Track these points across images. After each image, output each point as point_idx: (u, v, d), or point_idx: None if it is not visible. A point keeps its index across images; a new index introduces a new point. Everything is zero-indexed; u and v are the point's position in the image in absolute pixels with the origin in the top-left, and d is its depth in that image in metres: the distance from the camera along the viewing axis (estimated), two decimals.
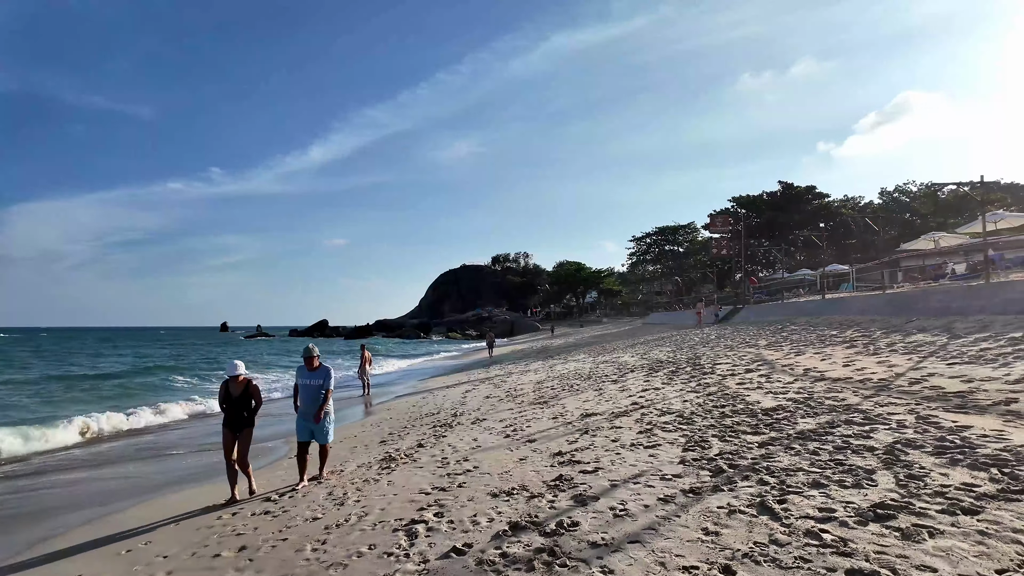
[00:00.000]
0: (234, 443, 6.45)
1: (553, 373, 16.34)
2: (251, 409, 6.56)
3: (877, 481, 4.20)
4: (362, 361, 17.77)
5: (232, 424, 6.48)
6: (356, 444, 9.42)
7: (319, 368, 6.90)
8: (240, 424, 6.47)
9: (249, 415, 6.54)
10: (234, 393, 6.52)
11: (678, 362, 13.89)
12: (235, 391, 6.52)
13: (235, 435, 6.46)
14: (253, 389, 6.59)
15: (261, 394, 6.75)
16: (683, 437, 6.38)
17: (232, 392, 6.52)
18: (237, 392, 6.51)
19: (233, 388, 6.53)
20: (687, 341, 20.04)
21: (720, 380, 10.12)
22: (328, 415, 6.89)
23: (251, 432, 6.58)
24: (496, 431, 8.45)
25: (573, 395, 11.11)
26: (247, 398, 6.52)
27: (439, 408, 12.37)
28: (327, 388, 6.84)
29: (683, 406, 8.24)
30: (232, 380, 6.54)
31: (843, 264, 43.09)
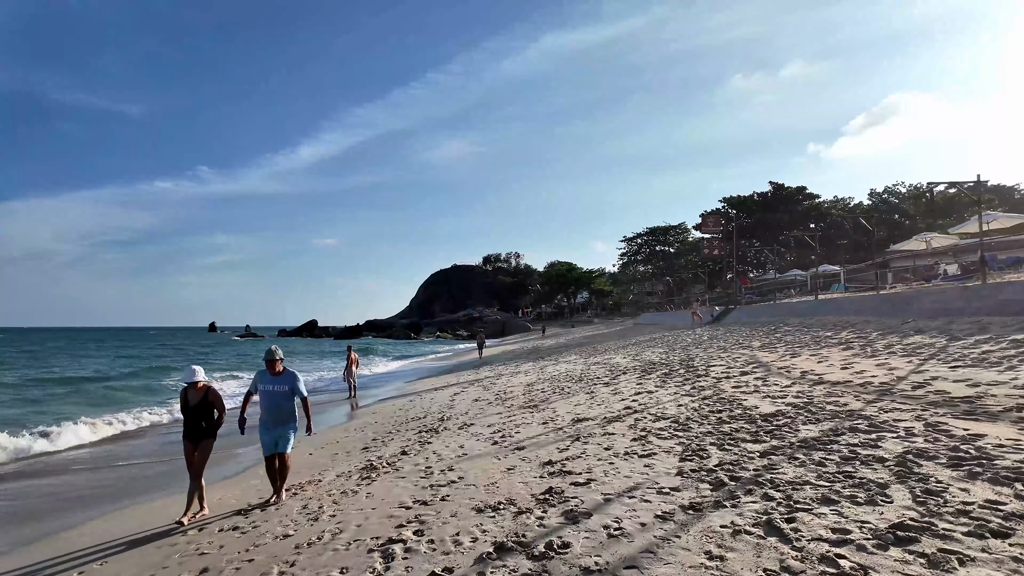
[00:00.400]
0: (193, 456, 5.99)
1: (544, 375, 16.00)
2: (211, 419, 6.08)
3: (892, 497, 3.88)
4: (348, 363, 17.35)
5: (191, 435, 6.03)
6: (338, 451, 9.03)
7: (284, 373, 6.36)
8: (199, 435, 6.01)
9: (208, 426, 6.06)
10: (192, 401, 6.06)
11: (671, 364, 13.59)
12: (193, 399, 6.06)
13: (195, 445, 5.98)
14: (213, 397, 6.14)
15: (224, 402, 6.27)
16: (679, 445, 6.05)
17: (190, 400, 6.07)
18: (195, 400, 6.05)
19: (191, 396, 6.08)
20: (679, 342, 19.78)
21: (715, 383, 9.82)
22: (295, 420, 6.37)
23: (211, 444, 6.11)
24: (483, 437, 8.09)
25: (564, 398, 10.77)
26: (207, 407, 6.07)
27: (426, 412, 11.99)
28: (303, 395, 6.39)
29: (678, 411, 7.92)
30: (191, 387, 6.09)
31: (833, 265, 43.14)
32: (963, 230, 24.26)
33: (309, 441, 10.36)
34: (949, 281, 19.09)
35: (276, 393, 6.24)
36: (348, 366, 17.26)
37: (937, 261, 25.37)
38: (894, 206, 65.14)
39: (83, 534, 5.84)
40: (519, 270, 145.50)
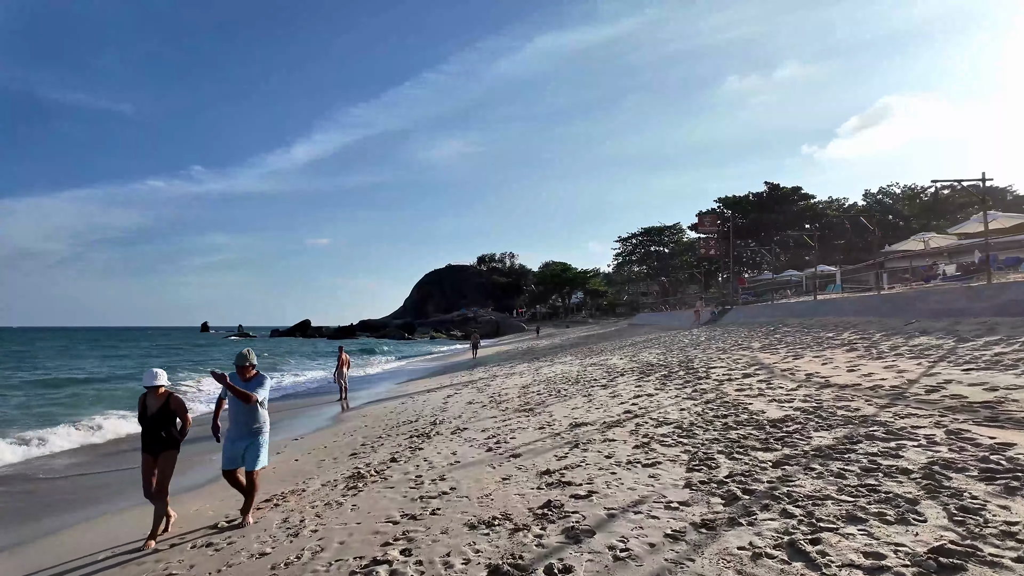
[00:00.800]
0: (153, 470, 5.47)
1: (539, 376, 15.64)
2: (173, 428, 5.57)
3: (925, 515, 3.54)
4: (339, 363, 16.94)
5: (151, 446, 5.47)
6: (325, 457, 8.63)
7: (255, 377, 5.77)
8: (160, 446, 5.46)
9: (170, 436, 5.52)
10: (152, 408, 5.50)
11: (670, 365, 13.26)
12: (153, 406, 5.51)
13: (155, 459, 5.47)
14: (176, 404, 5.60)
15: (187, 410, 5.76)
16: (685, 454, 5.70)
17: (149, 407, 5.51)
18: (156, 407, 5.50)
19: (151, 402, 5.53)
20: (676, 343, 19.47)
21: (717, 386, 9.49)
22: (261, 433, 5.74)
23: (174, 456, 5.58)
24: (477, 443, 7.72)
25: (561, 401, 10.41)
26: (168, 415, 5.53)
27: (418, 415, 11.61)
28: (261, 400, 5.73)
29: (681, 416, 7.57)
30: (150, 392, 5.54)
31: (829, 265, 43.01)
32: (962, 230, 24.06)
33: (296, 446, 9.99)
34: (950, 281, 18.86)
35: (239, 402, 5.61)
36: (339, 367, 16.85)
37: (935, 262, 25.18)
38: (888, 207, 65.23)
39: (44, 550, 5.44)
40: (514, 270, 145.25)
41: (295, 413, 15.52)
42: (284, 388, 23.29)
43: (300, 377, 26.89)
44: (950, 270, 22.37)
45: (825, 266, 40.14)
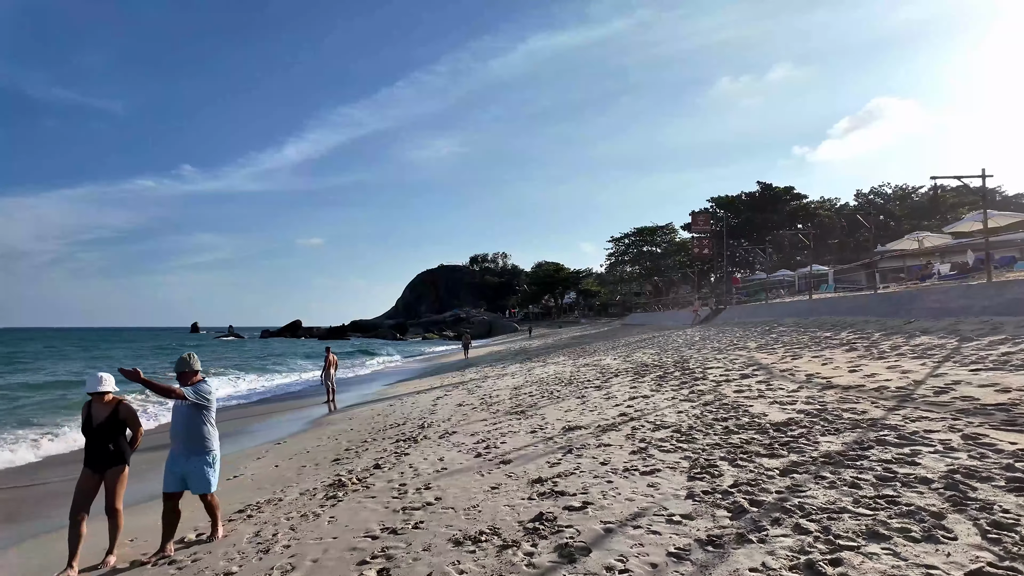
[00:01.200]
0: (96, 489, 4.81)
1: (532, 377, 15.29)
2: (122, 440, 4.93)
3: (954, 531, 3.22)
4: (327, 365, 16.53)
5: (96, 461, 4.79)
6: (306, 462, 8.24)
7: (199, 383, 5.05)
8: (106, 461, 4.79)
9: (118, 449, 4.86)
10: (97, 418, 4.80)
11: (665, 365, 12.95)
12: (99, 415, 4.81)
13: (99, 477, 4.81)
14: (126, 413, 4.94)
15: (139, 419, 5.11)
16: (686, 460, 5.36)
17: (95, 416, 4.82)
18: (102, 416, 4.81)
19: (97, 410, 4.83)
20: (671, 343, 19.19)
21: (715, 387, 9.18)
22: (207, 452, 4.99)
23: (124, 473, 4.89)
24: (466, 448, 7.35)
25: (553, 403, 10.07)
26: (117, 425, 4.87)
27: (405, 418, 11.23)
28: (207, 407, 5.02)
29: (679, 419, 7.24)
30: (96, 399, 4.85)
31: (822, 265, 42.93)
32: (957, 229, 23.93)
33: (278, 451, 9.60)
34: (947, 280, 18.68)
35: (183, 410, 4.93)
36: (326, 368, 16.44)
37: (929, 261, 25.06)
38: (880, 207, 65.41)
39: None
40: (506, 270, 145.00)
41: (280, 416, 15.09)
42: (271, 390, 22.83)
43: (288, 378, 26.42)
44: (944, 269, 22.23)
45: (818, 266, 40.03)
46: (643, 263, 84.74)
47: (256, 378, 26.06)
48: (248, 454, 9.73)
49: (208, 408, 5.03)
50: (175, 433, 4.94)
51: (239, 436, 12.19)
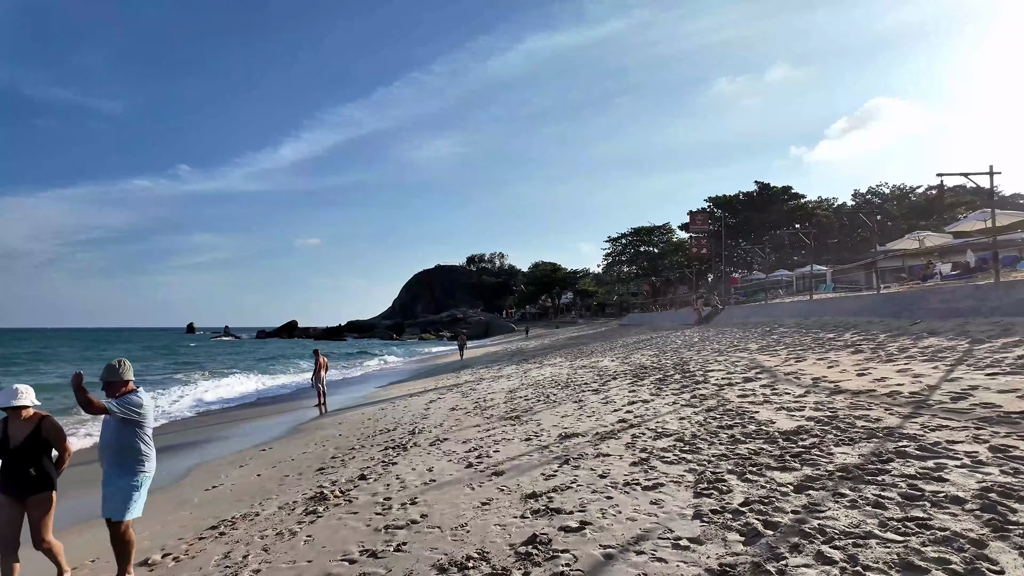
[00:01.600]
0: (20, 519, 4.17)
1: (528, 380, 14.92)
2: (46, 462, 4.25)
3: (1000, 563, 2.85)
4: (317, 367, 16.12)
5: (15, 487, 4.12)
6: (289, 471, 7.84)
7: (128, 395, 4.28)
8: (28, 487, 4.13)
9: (41, 473, 4.16)
10: (16, 438, 4.12)
11: (664, 368, 12.59)
12: (18, 434, 4.13)
13: (21, 505, 4.15)
14: (50, 430, 4.26)
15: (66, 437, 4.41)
16: (691, 473, 4.99)
17: (12, 436, 4.13)
18: (21, 436, 4.13)
19: (15, 429, 4.15)
20: (669, 344, 18.84)
21: (717, 391, 8.81)
22: (136, 473, 4.25)
23: (50, 501, 4.21)
24: (457, 457, 6.97)
25: (550, 408, 9.69)
26: (40, 445, 4.19)
27: (396, 422, 10.84)
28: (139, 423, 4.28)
29: (681, 426, 6.87)
30: (12, 415, 4.18)
31: (820, 265, 42.67)
32: (959, 228, 23.65)
33: (262, 458, 9.20)
34: (950, 280, 18.36)
35: (111, 424, 4.26)
36: (316, 371, 16.03)
37: (930, 260, 24.77)
38: (877, 207, 65.24)
39: None
40: (503, 270, 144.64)
41: (269, 419, 14.69)
42: (262, 392, 22.41)
43: (276, 380, 25.99)
44: (946, 269, 21.92)
45: (817, 266, 39.76)
46: (640, 263, 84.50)
47: (247, 379, 25.63)
48: (231, 461, 9.34)
49: (140, 424, 4.29)
50: (101, 450, 4.32)
51: (224, 441, 11.80)
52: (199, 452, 10.83)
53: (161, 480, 8.56)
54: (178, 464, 9.90)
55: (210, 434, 12.96)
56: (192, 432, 13.35)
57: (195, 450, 11.08)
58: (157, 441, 4.73)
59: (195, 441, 12.04)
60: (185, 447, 11.49)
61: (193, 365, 37.73)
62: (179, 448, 11.30)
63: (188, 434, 13.07)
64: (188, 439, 12.40)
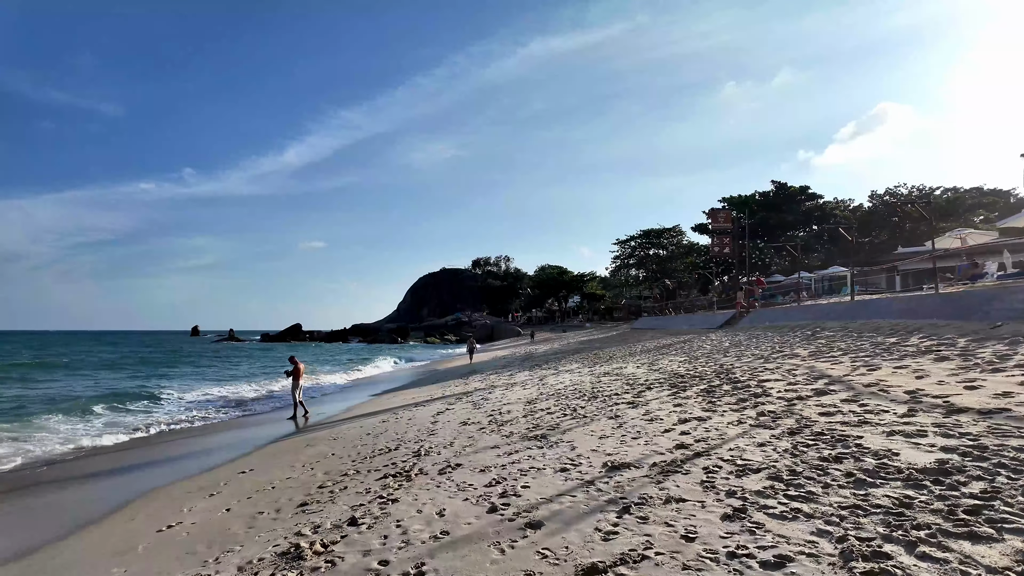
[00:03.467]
0: None
1: (546, 388, 13.35)
2: None
3: None
4: (295, 376, 14.54)
5: None
6: (266, 507, 6.30)
7: None
8: None
9: None
10: None
11: (705, 376, 11.02)
12: None
13: None
14: None
15: None
16: (823, 537, 3.43)
17: None
18: None
19: None
20: (698, 349, 17.23)
21: (788, 406, 7.24)
22: None
23: None
24: (474, 494, 5.41)
25: (581, 424, 8.13)
26: None
27: (399, 439, 9.30)
28: None
29: (766, 455, 5.31)
30: None
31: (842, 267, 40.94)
32: (1010, 224, 22.01)
33: (238, 484, 7.68)
34: (1004, 280, 16.72)
35: None
36: (295, 380, 14.48)
37: (974, 260, 23.09)
38: (895, 208, 63.40)
39: None
40: (509, 274, 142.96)
41: (259, 430, 13.20)
42: (255, 401, 20.91)
43: (276, 387, 24.50)
44: (994, 268, 20.27)
45: (839, 267, 38.07)
46: (648, 266, 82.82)
47: (240, 387, 24.17)
48: (202, 486, 7.83)
49: None
50: None
51: (205, 456, 10.32)
52: (173, 469, 9.37)
53: (111, 505, 7.08)
54: (143, 483, 8.43)
55: (192, 448, 11.49)
56: (177, 444, 11.88)
57: (169, 467, 9.61)
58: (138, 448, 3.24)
59: (174, 456, 10.58)
60: (159, 463, 10.03)
61: (193, 369, 36.36)
62: (153, 465, 9.82)
63: (170, 447, 11.61)
64: (168, 452, 10.96)
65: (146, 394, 20.91)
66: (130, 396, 20.16)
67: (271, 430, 13.11)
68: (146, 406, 18.18)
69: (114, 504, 7.43)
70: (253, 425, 14.45)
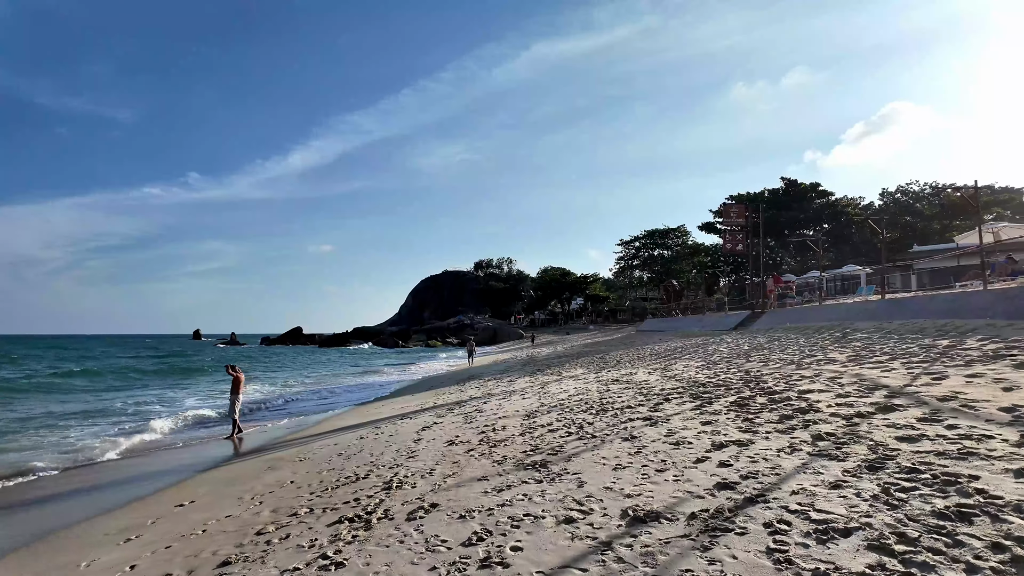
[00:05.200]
0: None
1: (547, 397, 11.88)
2: None
3: None
4: (234, 388, 13.03)
5: None
6: (177, 568, 4.83)
7: None
8: None
9: None
10: None
11: (731, 385, 9.53)
12: None
13: None
14: None
15: None
16: None
17: None
18: None
19: None
20: (714, 352, 15.72)
21: (850, 428, 5.76)
22: None
23: None
24: (446, 557, 3.94)
25: (589, 448, 6.66)
26: None
27: (373, 462, 7.83)
28: None
29: (850, 506, 3.83)
30: None
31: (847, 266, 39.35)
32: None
33: (169, 523, 6.22)
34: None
35: None
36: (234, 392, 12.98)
37: (1010, 255, 21.53)
38: (907, 207, 61.74)
39: None
40: (511, 276, 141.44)
41: (219, 452, 11.76)
42: None
43: (254, 395, 23.06)
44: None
45: (854, 266, 36.50)
46: (653, 267, 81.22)
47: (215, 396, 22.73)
48: (125, 527, 6.39)
49: None
50: None
51: (147, 482, 8.88)
52: (106, 497, 7.94)
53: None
54: (57, 519, 7.00)
55: (144, 470, 10.06)
56: (134, 464, 10.45)
57: (106, 494, 8.17)
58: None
59: (120, 480, 9.14)
60: (96, 490, 8.58)
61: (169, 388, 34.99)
62: (84, 493, 8.38)
63: (126, 467, 10.18)
64: (117, 475, 9.52)
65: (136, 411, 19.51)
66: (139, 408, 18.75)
67: (249, 445, 11.67)
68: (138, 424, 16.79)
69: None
70: (219, 440, 13.02)
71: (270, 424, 15.25)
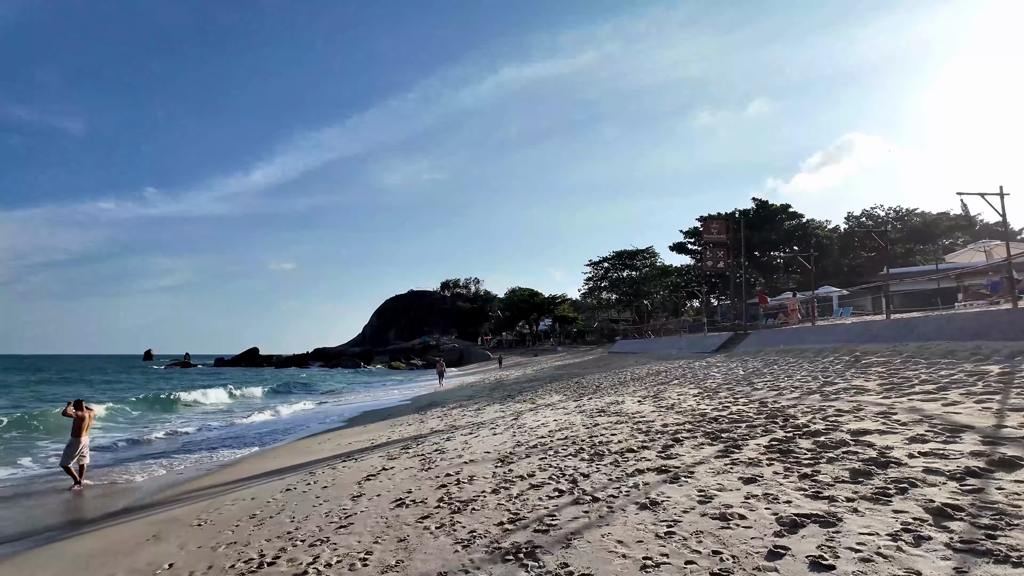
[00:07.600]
0: None
1: (523, 433, 9.90)
2: None
3: None
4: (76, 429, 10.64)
5: None
6: None
7: None
8: None
9: None
10: None
11: (750, 419, 7.74)
12: None
13: None
14: None
15: None
16: None
17: None
18: None
19: None
20: (708, 378, 14.02)
21: (973, 494, 4.01)
22: None
23: None
24: None
25: (595, 524, 4.71)
26: None
27: (291, 534, 5.69)
28: None
29: None
30: None
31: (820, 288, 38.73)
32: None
33: None
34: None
35: None
36: (76, 434, 10.58)
37: (1003, 276, 20.60)
38: (873, 229, 62.41)
39: None
40: (479, 296, 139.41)
41: (103, 503, 9.37)
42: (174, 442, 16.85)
43: (192, 427, 20.42)
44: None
45: (832, 287, 35.79)
46: (621, 289, 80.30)
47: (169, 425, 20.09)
48: None
49: None
50: None
51: None
52: None
53: None
54: None
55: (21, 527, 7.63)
56: None
57: None
58: None
59: None
60: None
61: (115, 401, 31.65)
62: None
63: None
64: None
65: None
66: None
67: (123, 498, 9.32)
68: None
69: None
70: (119, 485, 10.59)
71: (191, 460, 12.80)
